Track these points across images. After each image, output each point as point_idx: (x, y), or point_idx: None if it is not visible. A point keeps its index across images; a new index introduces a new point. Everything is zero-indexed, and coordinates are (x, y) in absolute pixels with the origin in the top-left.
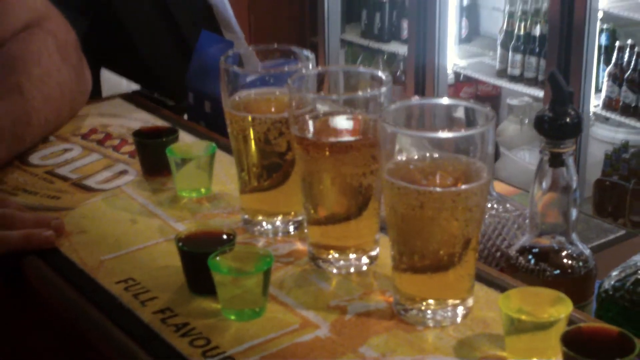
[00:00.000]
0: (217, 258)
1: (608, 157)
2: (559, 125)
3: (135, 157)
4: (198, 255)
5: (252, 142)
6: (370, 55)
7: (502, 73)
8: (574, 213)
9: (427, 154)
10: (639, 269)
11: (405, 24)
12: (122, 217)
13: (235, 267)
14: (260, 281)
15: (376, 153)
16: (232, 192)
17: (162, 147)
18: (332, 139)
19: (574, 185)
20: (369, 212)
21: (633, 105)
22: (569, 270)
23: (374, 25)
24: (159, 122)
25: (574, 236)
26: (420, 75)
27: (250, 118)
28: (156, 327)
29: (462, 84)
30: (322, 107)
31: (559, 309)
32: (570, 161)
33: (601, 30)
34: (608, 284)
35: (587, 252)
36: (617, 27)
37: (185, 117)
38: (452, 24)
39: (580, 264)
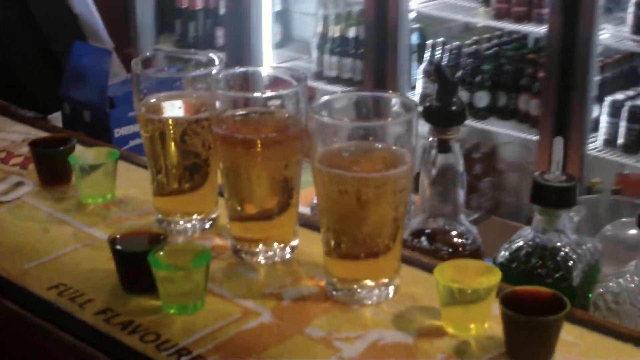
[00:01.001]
0: (156, 255)
1: (424, 151)
2: (445, 113)
3: (26, 169)
4: (135, 254)
5: (172, 143)
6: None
7: (319, 75)
8: (461, 195)
9: (356, 143)
10: (527, 241)
11: (220, 32)
12: (32, 227)
13: (174, 264)
14: (203, 274)
15: (297, 146)
16: (136, 196)
17: (61, 155)
18: (258, 135)
19: (461, 169)
20: (290, 205)
21: None
22: (460, 249)
23: (189, 35)
24: (40, 134)
25: (461, 217)
26: None
27: (170, 120)
28: (102, 328)
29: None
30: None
31: (489, 277)
32: (456, 147)
33: (412, 30)
34: (502, 257)
35: (474, 230)
36: (426, 26)
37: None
38: (266, 30)
39: (469, 241)
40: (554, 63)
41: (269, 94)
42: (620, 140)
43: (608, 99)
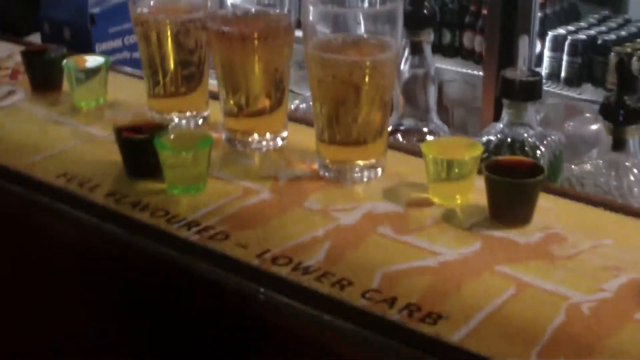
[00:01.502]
0: (164, 140)
1: None
2: (418, 16)
3: (17, 79)
4: (142, 141)
5: (168, 42)
6: None
7: None
8: (432, 94)
9: (346, 34)
10: (497, 133)
11: None
12: (31, 128)
13: (179, 148)
14: (207, 156)
15: (288, 40)
16: (127, 99)
17: (54, 63)
18: (252, 29)
19: (432, 70)
20: (282, 99)
21: None
22: None
23: None
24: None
25: (432, 115)
26: None
27: (167, 20)
28: (113, 207)
29: None
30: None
31: (472, 150)
32: (427, 49)
33: None
34: None
35: (445, 128)
36: None
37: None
38: None
39: (441, 134)
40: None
41: None
42: (563, 74)
43: (550, 34)
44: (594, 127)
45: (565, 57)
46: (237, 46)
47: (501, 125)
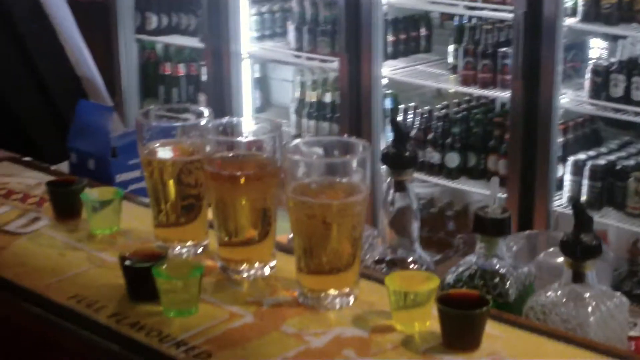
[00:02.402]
0: (160, 269)
1: None
2: (401, 158)
3: (42, 207)
4: (141, 268)
5: (170, 181)
6: None
7: (297, 138)
8: (415, 227)
9: (321, 178)
10: (472, 265)
11: (202, 98)
12: (51, 252)
13: (174, 275)
14: (197, 283)
15: (274, 181)
16: (138, 228)
17: (74, 194)
18: (242, 172)
19: (415, 205)
20: (269, 232)
21: (420, 160)
22: None
23: (172, 100)
24: (52, 178)
25: (416, 245)
26: None
27: (168, 161)
28: (114, 327)
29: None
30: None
31: (429, 284)
32: (410, 187)
33: (385, 95)
34: (450, 277)
35: (428, 258)
36: (400, 92)
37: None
38: (247, 96)
39: (424, 267)
40: (518, 126)
41: (250, 138)
42: (584, 197)
43: (571, 159)
44: (561, 259)
45: (585, 182)
46: (226, 186)
47: (475, 256)
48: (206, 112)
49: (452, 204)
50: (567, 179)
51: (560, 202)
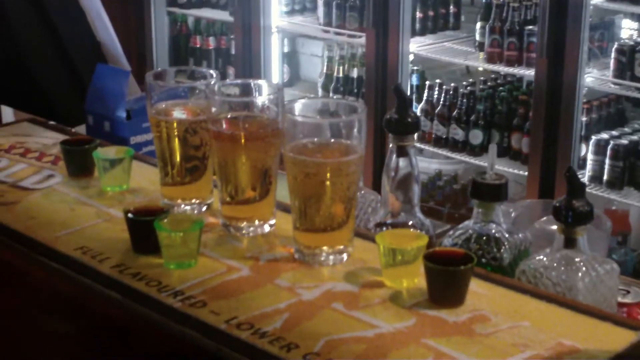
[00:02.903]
0: (161, 222)
1: (424, 185)
2: (403, 123)
3: (57, 164)
4: (144, 222)
5: (176, 140)
6: None
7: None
8: (416, 192)
9: (318, 138)
10: (468, 229)
11: (231, 71)
12: (62, 207)
13: (175, 228)
14: (196, 237)
15: (275, 142)
16: (147, 187)
17: (87, 153)
18: (243, 132)
19: (416, 171)
20: (270, 191)
21: (444, 137)
22: None
23: None
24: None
25: (416, 210)
26: None
27: (175, 121)
28: (116, 276)
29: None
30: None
31: (419, 241)
32: (411, 152)
33: (412, 72)
34: (447, 241)
35: (427, 222)
36: (425, 68)
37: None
38: (275, 70)
39: (423, 231)
40: (542, 104)
41: (251, 99)
42: (606, 177)
43: (593, 138)
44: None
45: (607, 161)
46: (228, 145)
47: (472, 221)
48: (215, 74)
49: None
50: (590, 158)
51: (582, 180)
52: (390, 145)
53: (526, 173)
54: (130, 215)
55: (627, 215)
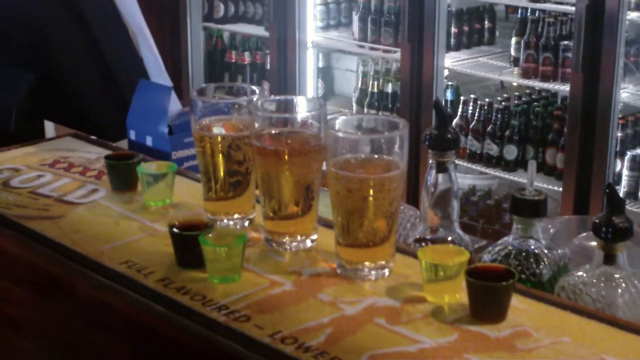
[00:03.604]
0: (206, 237)
1: None
2: (443, 139)
3: (101, 179)
4: (189, 236)
5: (219, 155)
6: None
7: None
8: (455, 207)
9: (361, 154)
10: (507, 245)
11: (266, 86)
12: (106, 221)
13: (219, 243)
14: (240, 251)
15: (317, 157)
16: (189, 201)
17: (131, 167)
18: (286, 148)
19: (455, 187)
20: (312, 206)
21: (478, 152)
22: None
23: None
24: (112, 153)
25: (455, 225)
26: None
27: (219, 137)
28: (161, 290)
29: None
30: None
31: (460, 257)
32: (451, 168)
33: (447, 87)
34: (486, 257)
35: (467, 238)
36: (459, 84)
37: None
38: (310, 85)
39: (463, 246)
40: (577, 119)
41: (294, 115)
42: None
43: (629, 154)
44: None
45: None
46: (272, 161)
47: (512, 237)
48: (257, 90)
49: (509, 197)
50: (625, 174)
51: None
52: (430, 161)
53: (561, 189)
54: (175, 229)
55: None
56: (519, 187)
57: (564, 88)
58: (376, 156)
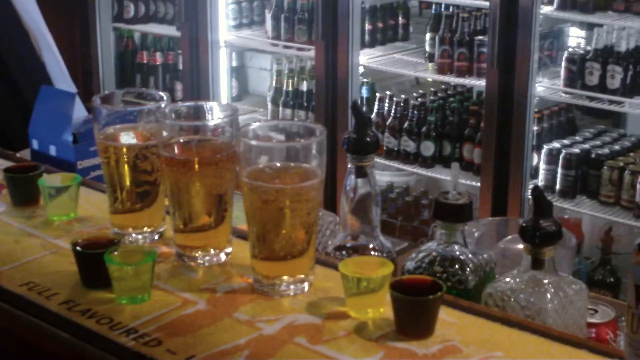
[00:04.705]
0: (111, 255)
1: None
2: (361, 143)
3: (0, 193)
4: (93, 254)
5: (125, 166)
6: None
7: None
8: (376, 214)
9: (276, 163)
10: (431, 251)
11: (179, 87)
12: (6, 239)
13: (126, 261)
14: (149, 269)
15: (230, 166)
16: (95, 214)
17: (31, 180)
18: (196, 157)
19: (376, 191)
20: (225, 218)
21: (395, 149)
22: None
23: (149, 89)
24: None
25: (377, 231)
26: None
27: (124, 147)
28: (65, 314)
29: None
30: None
31: (384, 269)
32: (371, 172)
33: (362, 84)
34: (410, 264)
35: (389, 244)
36: (375, 80)
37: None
38: (223, 85)
39: (384, 254)
40: (493, 114)
41: (205, 122)
42: (558, 186)
43: (545, 148)
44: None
45: (560, 170)
46: (181, 171)
47: (435, 243)
48: (164, 96)
49: (427, 193)
50: (542, 168)
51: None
52: (349, 165)
53: (479, 184)
54: (78, 247)
55: (579, 224)
56: (441, 190)
57: (480, 83)
58: (292, 164)
